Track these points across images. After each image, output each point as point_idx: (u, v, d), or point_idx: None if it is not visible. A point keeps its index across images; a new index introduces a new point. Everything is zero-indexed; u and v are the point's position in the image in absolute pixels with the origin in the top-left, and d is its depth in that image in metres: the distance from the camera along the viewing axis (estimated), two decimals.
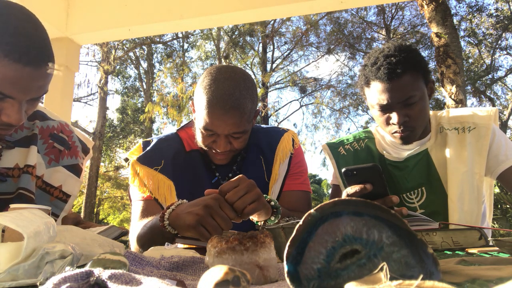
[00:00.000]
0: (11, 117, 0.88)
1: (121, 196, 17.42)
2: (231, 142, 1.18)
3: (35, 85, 0.88)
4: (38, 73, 0.87)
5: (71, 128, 1.29)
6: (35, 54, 0.85)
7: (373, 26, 15.33)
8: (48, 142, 1.18)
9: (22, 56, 0.83)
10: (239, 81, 1.14)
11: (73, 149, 1.24)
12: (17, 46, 0.83)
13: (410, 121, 1.28)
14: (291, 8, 2.95)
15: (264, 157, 1.34)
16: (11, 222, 0.56)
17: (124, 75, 17.59)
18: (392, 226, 0.45)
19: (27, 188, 1.05)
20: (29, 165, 1.07)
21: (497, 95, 14.29)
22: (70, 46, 3.24)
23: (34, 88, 0.89)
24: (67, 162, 1.21)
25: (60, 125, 1.24)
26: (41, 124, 1.18)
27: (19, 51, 0.83)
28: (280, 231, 0.79)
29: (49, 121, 1.22)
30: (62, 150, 1.21)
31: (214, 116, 1.12)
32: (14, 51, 0.82)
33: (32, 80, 0.87)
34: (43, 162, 1.15)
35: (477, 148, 1.32)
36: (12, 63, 0.82)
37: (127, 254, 0.66)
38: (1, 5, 0.86)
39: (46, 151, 1.17)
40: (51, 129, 1.20)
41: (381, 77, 1.25)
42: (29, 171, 1.07)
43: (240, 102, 1.11)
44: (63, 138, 1.23)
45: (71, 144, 1.24)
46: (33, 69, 0.85)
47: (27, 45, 0.84)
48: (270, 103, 15.67)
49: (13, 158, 1.07)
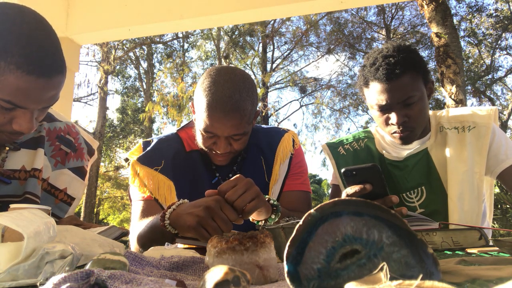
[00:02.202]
0: (23, 126, 0.88)
1: (121, 196, 17.42)
2: (231, 143, 1.18)
3: (48, 95, 0.88)
4: (51, 83, 0.87)
5: (77, 129, 1.28)
6: (48, 66, 0.84)
7: (373, 26, 15.34)
8: (55, 144, 1.18)
9: (36, 68, 0.82)
10: (239, 83, 1.14)
11: (79, 151, 1.24)
12: (30, 58, 0.81)
13: (409, 121, 1.28)
14: (291, 8, 2.95)
15: (264, 158, 1.34)
16: (11, 222, 0.56)
17: (124, 75, 17.60)
18: (392, 226, 0.45)
19: (33, 192, 1.05)
20: (36, 168, 1.07)
21: (497, 95, 14.30)
22: (70, 46, 3.24)
23: (47, 98, 0.89)
24: (73, 165, 1.21)
25: (67, 127, 1.24)
26: (48, 126, 1.17)
27: (33, 63, 0.82)
28: (280, 231, 0.79)
29: (56, 122, 1.21)
30: (69, 152, 1.20)
31: (214, 118, 1.12)
32: (27, 63, 0.81)
33: (45, 91, 0.86)
34: (49, 165, 1.15)
35: (477, 148, 1.32)
36: (25, 75, 0.81)
37: (127, 254, 0.66)
38: (13, 11, 0.84)
39: (52, 153, 1.16)
40: (58, 131, 1.20)
41: (380, 77, 1.25)
42: (36, 175, 1.06)
43: (240, 105, 1.11)
44: (70, 140, 1.22)
45: (77, 146, 1.24)
46: (46, 80, 0.85)
47: (40, 56, 0.83)
48: (270, 103, 15.67)
49: (19, 160, 1.06)
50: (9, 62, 0.80)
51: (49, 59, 0.85)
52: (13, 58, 0.80)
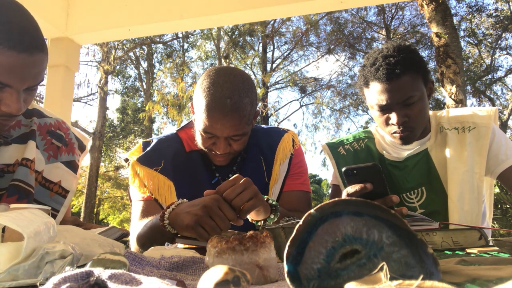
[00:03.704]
0: (11, 106, 0.89)
1: (121, 196, 17.41)
2: (231, 144, 1.19)
3: (31, 72, 0.90)
4: (33, 60, 0.88)
5: (67, 126, 1.30)
6: (28, 41, 0.87)
7: (373, 26, 15.33)
8: (47, 138, 1.19)
9: (16, 43, 0.84)
10: (238, 84, 1.14)
11: (70, 146, 1.25)
12: (10, 33, 0.84)
13: (409, 122, 1.28)
14: (291, 8, 2.95)
15: (264, 158, 1.35)
16: (11, 222, 0.56)
17: (124, 75, 17.59)
18: (392, 226, 0.45)
19: (23, 180, 1.05)
20: (27, 158, 1.07)
21: (497, 95, 14.30)
22: (70, 46, 3.24)
23: (30, 76, 0.90)
24: (65, 159, 1.22)
25: (57, 122, 1.25)
26: (38, 121, 1.19)
27: (13, 39, 0.84)
28: (280, 231, 0.79)
29: (46, 118, 1.23)
30: (60, 146, 1.22)
31: (214, 119, 1.12)
32: (7, 39, 0.83)
33: (28, 67, 0.88)
34: (43, 158, 1.16)
35: (477, 148, 1.32)
36: (6, 51, 0.83)
37: (127, 254, 0.66)
38: None
39: (45, 147, 1.17)
40: (48, 126, 1.21)
41: (380, 77, 1.25)
42: (27, 165, 1.07)
43: (239, 105, 1.12)
44: (61, 135, 1.23)
45: (68, 141, 1.25)
46: (27, 56, 0.87)
47: (20, 32, 0.86)
48: (270, 103, 15.65)
49: (11, 154, 1.07)
50: None
51: (29, 36, 0.87)
52: None
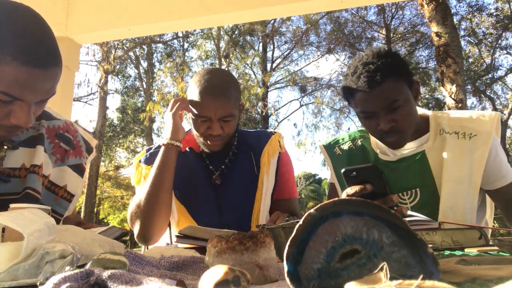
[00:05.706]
0: (21, 119, 0.88)
1: (121, 195, 17.42)
2: (223, 127, 1.36)
3: (44, 87, 0.88)
4: (47, 75, 0.87)
5: (76, 127, 1.30)
6: (44, 56, 0.85)
7: (373, 25, 15.33)
8: (55, 142, 1.19)
9: (31, 58, 0.83)
10: (225, 77, 1.40)
11: (78, 149, 1.26)
12: (26, 48, 0.82)
13: (397, 126, 1.26)
14: (291, 8, 2.95)
15: (254, 153, 1.50)
16: (11, 222, 0.56)
17: (124, 75, 17.57)
18: (392, 226, 0.45)
19: (33, 187, 1.05)
20: (35, 164, 1.07)
21: (497, 94, 14.29)
22: (70, 46, 3.24)
23: (43, 90, 0.89)
24: (72, 162, 1.22)
25: (65, 125, 1.25)
26: (47, 124, 1.18)
27: (28, 54, 0.82)
28: (280, 231, 0.79)
29: (55, 120, 1.22)
30: (68, 149, 1.22)
31: (206, 103, 1.33)
32: (23, 53, 0.82)
33: (41, 82, 0.87)
34: (50, 162, 1.16)
35: (475, 156, 1.30)
36: (21, 66, 0.82)
37: (127, 254, 0.66)
38: (9, 6, 0.86)
39: (52, 151, 1.17)
40: (57, 129, 1.21)
41: (361, 86, 1.24)
42: (36, 171, 1.07)
43: (226, 91, 1.34)
44: (69, 138, 1.24)
45: (76, 144, 1.26)
46: (42, 71, 0.85)
47: (36, 47, 0.84)
48: (270, 103, 15.65)
49: (18, 158, 1.07)
50: (5, 53, 0.81)
51: (45, 50, 0.86)
52: (9, 49, 0.81)
